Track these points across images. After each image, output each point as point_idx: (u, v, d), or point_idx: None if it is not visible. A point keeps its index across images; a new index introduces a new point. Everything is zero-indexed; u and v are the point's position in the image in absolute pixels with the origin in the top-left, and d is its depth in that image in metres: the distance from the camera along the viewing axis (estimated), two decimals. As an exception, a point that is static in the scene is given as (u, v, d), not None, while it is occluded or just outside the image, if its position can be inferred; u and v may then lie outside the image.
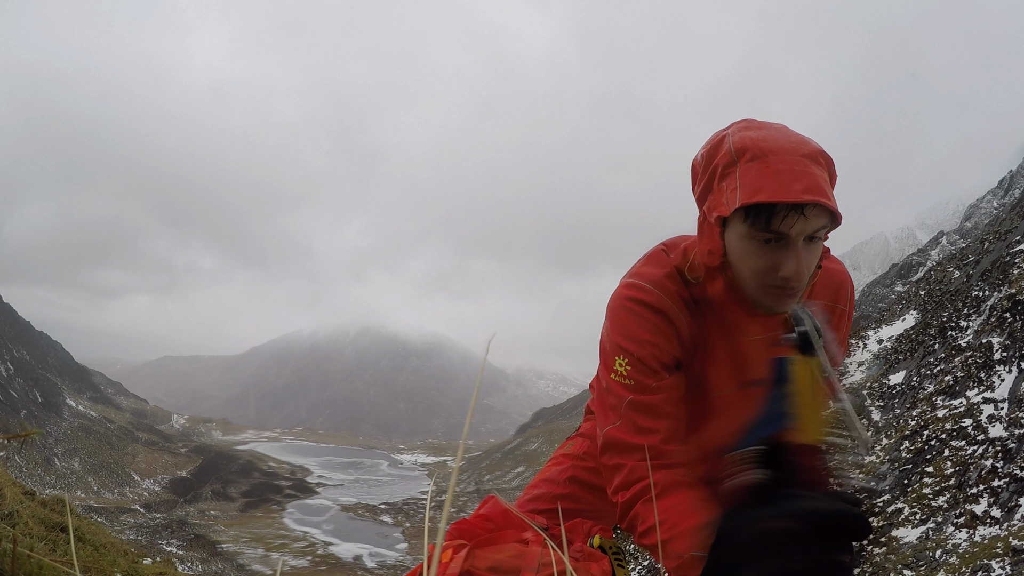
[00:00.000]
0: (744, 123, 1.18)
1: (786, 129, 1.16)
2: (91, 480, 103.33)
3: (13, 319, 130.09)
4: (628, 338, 1.23)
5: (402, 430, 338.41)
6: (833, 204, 1.08)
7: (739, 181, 1.10)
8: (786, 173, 1.06)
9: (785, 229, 1.09)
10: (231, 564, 61.95)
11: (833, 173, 1.15)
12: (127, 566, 7.07)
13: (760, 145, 1.10)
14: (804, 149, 1.10)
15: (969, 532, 7.15)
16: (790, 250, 1.11)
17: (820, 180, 1.07)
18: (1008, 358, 10.01)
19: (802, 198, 1.05)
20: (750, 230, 1.11)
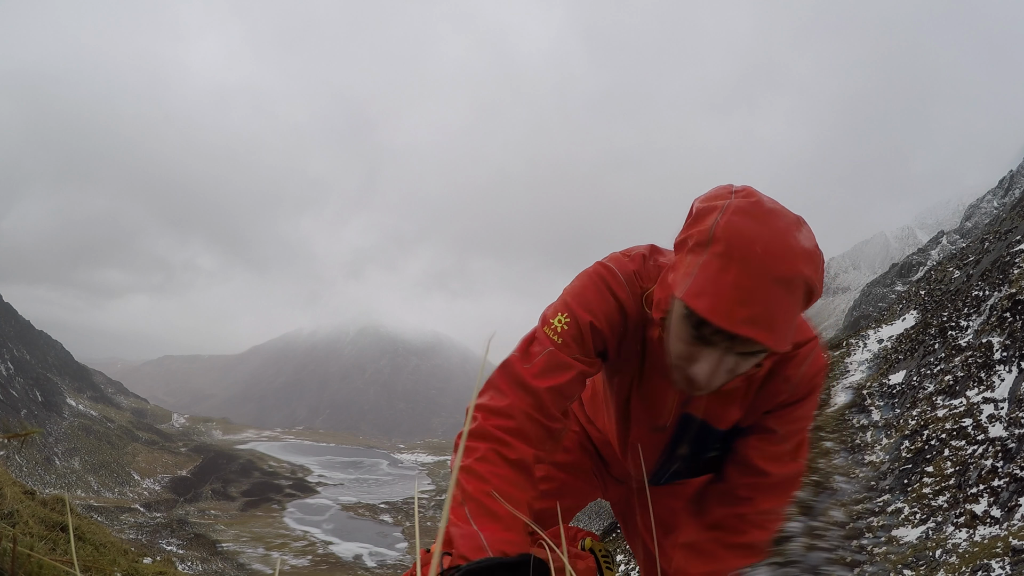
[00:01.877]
0: (748, 203, 1.03)
1: (787, 232, 1.01)
2: (91, 479, 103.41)
3: (13, 318, 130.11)
4: (580, 304, 1.23)
5: (402, 429, 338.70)
6: (773, 342, 0.99)
7: (696, 270, 1.02)
8: (740, 292, 0.97)
9: (713, 340, 1.04)
10: (231, 563, 61.98)
11: (814, 294, 1.05)
12: (127, 565, 7.07)
13: (737, 244, 0.99)
14: (780, 269, 0.98)
15: (969, 532, 7.16)
16: (709, 355, 1.06)
17: (774, 311, 0.98)
18: (1008, 358, 10.02)
19: (737, 329, 0.97)
20: (683, 319, 1.06)
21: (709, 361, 1.06)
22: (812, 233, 1.08)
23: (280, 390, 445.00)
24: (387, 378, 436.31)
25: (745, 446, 1.34)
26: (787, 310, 1.00)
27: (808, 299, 1.04)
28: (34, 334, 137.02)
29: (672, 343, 1.12)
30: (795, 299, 1.01)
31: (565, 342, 1.22)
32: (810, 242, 1.05)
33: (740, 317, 0.97)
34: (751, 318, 0.97)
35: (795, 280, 0.99)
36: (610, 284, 1.24)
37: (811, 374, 1.27)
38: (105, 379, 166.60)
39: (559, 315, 1.23)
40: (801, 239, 1.03)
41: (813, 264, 1.02)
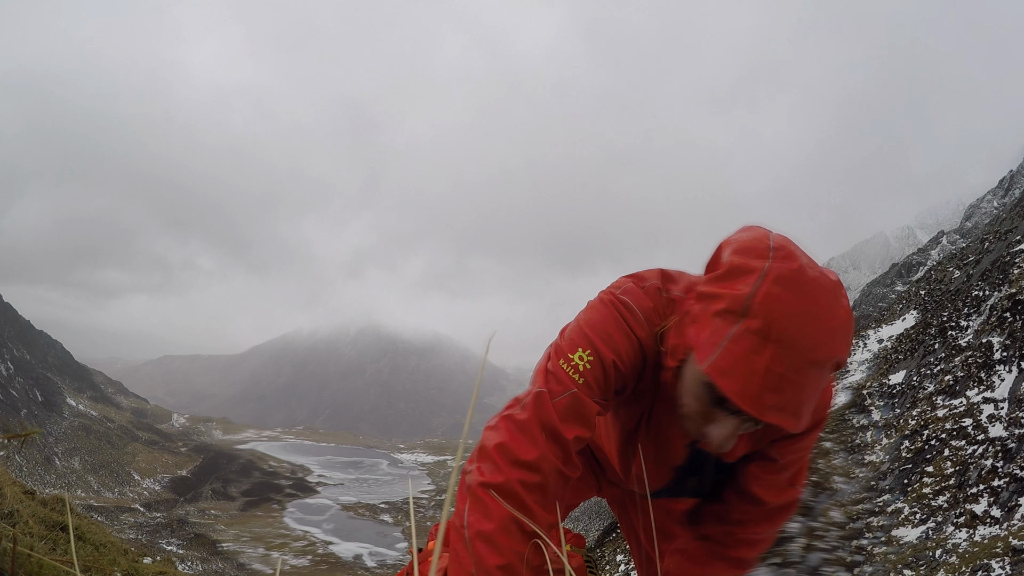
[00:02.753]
0: (790, 271, 0.94)
1: (830, 309, 0.95)
2: (91, 479, 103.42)
3: (13, 318, 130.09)
4: (603, 340, 1.12)
5: (402, 429, 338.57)
6: (796, 427, 0.96)
7: (726, 342, 0.94)
8: (773, 378, 0.91)
9: (732, 411, 1.01)
10: (231, 563, 61.96)
11: (841, 365, 1.02)
12: (127, 565, 7.07)
13: (776, 323, 0.91)
14: (818, 354, 0.93)
15: (969, 532, 7.16)
16: (727, 422, 1.03)
17: (804, 397, 0.94)
18: (1008, 358, 10.01)
19: (764, 416, 0.93)
20: (704, 384, 1.01)
21: (725, 428, 1.03)
22: (847, 298, 1.02)
23: (280, 390, 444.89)
24: (387, 378, 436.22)
25: (745, 474, 1.34)
26: (815, 394, 0.96)
27: (835, 370, 1.02)
28: (34, 334, 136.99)
29: (687, 399, 1.07)
30: (824, 380, 0.98)
31: (588, 383, 1.11)
32: (847, 313, 0.99)
33: (768, 404, 0.92)
34: (779, 405, 0.93)
35: (829, 363, 0.96)
36: (629, 321, 1.14)
37: (819, 408, 1.23)
38: (105, 379, 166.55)
39: (580, 351, 1.12)
40: (840, 313, 0.97)
41: (847, 339, 0.98)
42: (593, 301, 1.20)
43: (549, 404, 1.10)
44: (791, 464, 1.31)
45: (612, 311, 1.15)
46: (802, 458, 1.33)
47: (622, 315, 1.14)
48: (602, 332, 1.13)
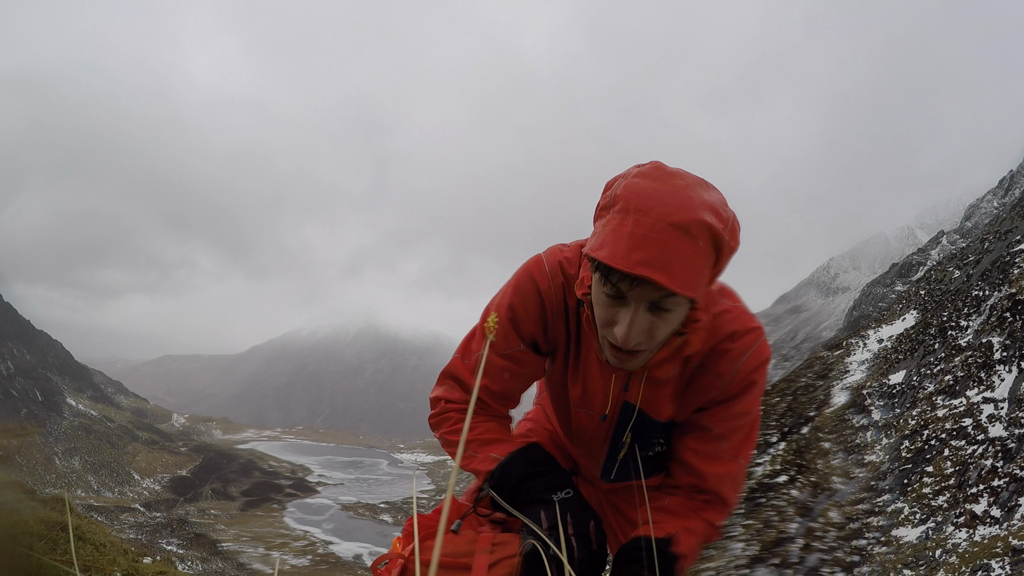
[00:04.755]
0: (651, 168, 1.10)
1: (686, 188, 1.05)
2: (91, 479, 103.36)
3: (13, 318, 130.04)
4: (506, 300, 1.32)
5: (402, 429, 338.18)
6: (671, 282, 1.02)
7: (601, 229, 1.08)
8: (636, 239, 1.02)
9: (622, 290, 1.07)
10: (231, 563, 61.91)
11: (724, 246, 1.07)
12: (127, 565, 7.07)
13: (634, 200, 1.04)
14: (676, 216, 1.01)
15: (969, 532, 7.15)
16: (625, 311, 1.09)
17: (671, 255, 1.01)
18: (1008, 358, 10.01)
19: (633, 270, 1.01)
20: (597, 277, 1.10)
21: (624, 318, 1.09)
22: (720, 193, 1.11)
23: (280, 390, 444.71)
24: (387, 378, 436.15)
25: (682, 446, 1.34)
26: (686, 255, 1.02)
27: (717, 250, 1.07)
28: (34, 333, 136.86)
29: (595, 311, 1.15)
30: (696, 246, 1.03)
31: (497, 340, 1.32)
32: (714, 197, 1.08)
33: (636, 259, 1.01)
34: (646, 260, 1.01)
35: (693, 226, 1.02)
36: (534, 275, 1.30)
37: (748, 369, 1.24)
38: (105, 379, 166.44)
39: (492, 314, 1.32)
40: (702, 193, 1.06)
41: (716, 215, 1.05)
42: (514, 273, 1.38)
43: (458, 363, 1.39)
44: (729, 433, 1.29)
45: (519, 272, 1.33)
46: (741, 427, 1.30)
47: (528, 271, 1.31)
48: (506, 293, 1.33)
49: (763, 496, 9.07)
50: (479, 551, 1.12)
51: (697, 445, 1.31)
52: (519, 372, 1.36)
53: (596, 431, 1.41)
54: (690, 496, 1.34)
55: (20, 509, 0.81)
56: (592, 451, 1.47)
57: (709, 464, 1.30)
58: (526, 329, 1.32)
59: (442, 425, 1.37)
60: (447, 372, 1.42)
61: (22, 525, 0.67)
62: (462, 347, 1.41)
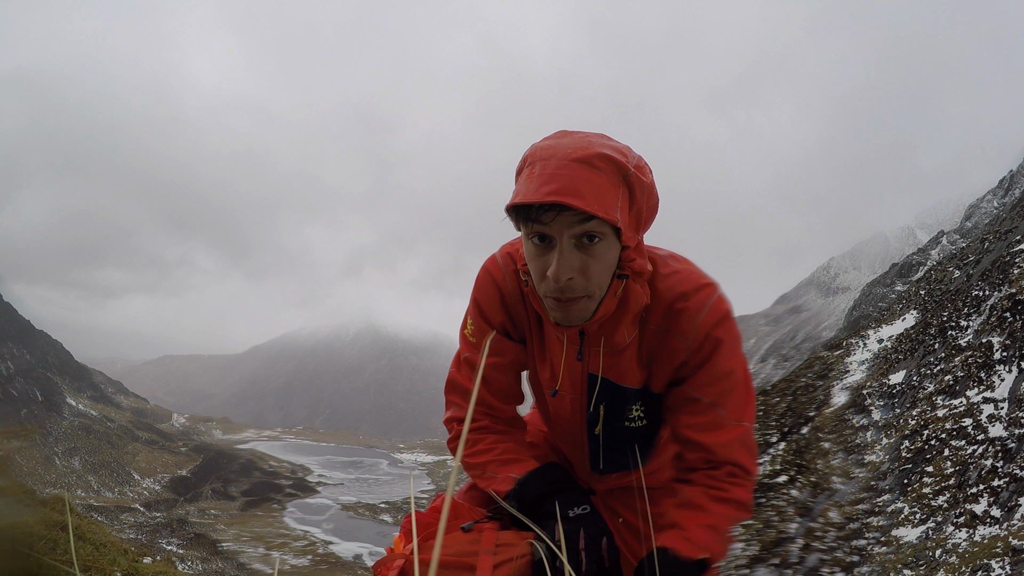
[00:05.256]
0: (555, 133, 1.19)
1: (587, 136, 1.15)
2: (91, 479, 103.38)
3: (13, 318, 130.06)
4: (473, 301, 1.40)
5: (402, 429, 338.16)
6: (585, 204, 1.06)
7: (515, 186, 1.15)
8: (544, 177, 1.08)
9: (542, 228, 1.12)
10: (231, 563, 61.88)
11: (633, 177, 1.12)
12: (127, 565, 7.07)
13: (539, 152, 1.13)
14: (578, 153, 1.09)
15: (969, 532, 7.15)
16: (554, 251, 1.13)
17: (580, 183, 1.07)
18: (1008, 358, 10.01)
19: (544, 198, 1.07)
20: (523, 231, 1.17)
21: (553, 256, 1.13)
22: (624, 144, 1.18)
23: (280, 390, 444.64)
24: (387, 378, 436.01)
25: (679, 424, 1.32)
26: (594, 182, 1.08)
27: (627, 183, 1.12)
28: (34, 333, 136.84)
29: (531, 270, 1.20)
30: (602, 175, 1.09)
31: (476, 339, 1.41)
32: (616, 143, 1.16)
33: (545, 191, 1.07)
34: (556, 190, 1.07)
35: (594, 159, 1.09)
36: (489, 268, 1.39)
37: (708, 324, 1.23)
38: (105, 379, 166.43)
39: (468, 319, 1.43)
40: (604, 140, 1.15)
41: (616, 150, 1.12)
42: None
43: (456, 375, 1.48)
44: (720, 399, 1.27)
45: (480, 272, 1.41)
46: (730, 389, 1.27)
47: (486, 269, 1.40)
48: (473, 295, 1.41)
49: (763, 496, 9.07)
50: (483, 551, 1.12)
51: (692, 419, 1.29)
52: (503, 363, 1.41)
53: (569, 410, 1.40)
54: (709, 478, 1.30)
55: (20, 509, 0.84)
56: (574, 437, 1.46)
57: (712, 434, 1.27)
58: (494, 319, 1.38)
59: (465, 450, 1.41)
60: (448, 388, 1.49)
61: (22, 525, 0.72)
62: (455, 360, 1.49)
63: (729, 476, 1.29)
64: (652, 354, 1.30)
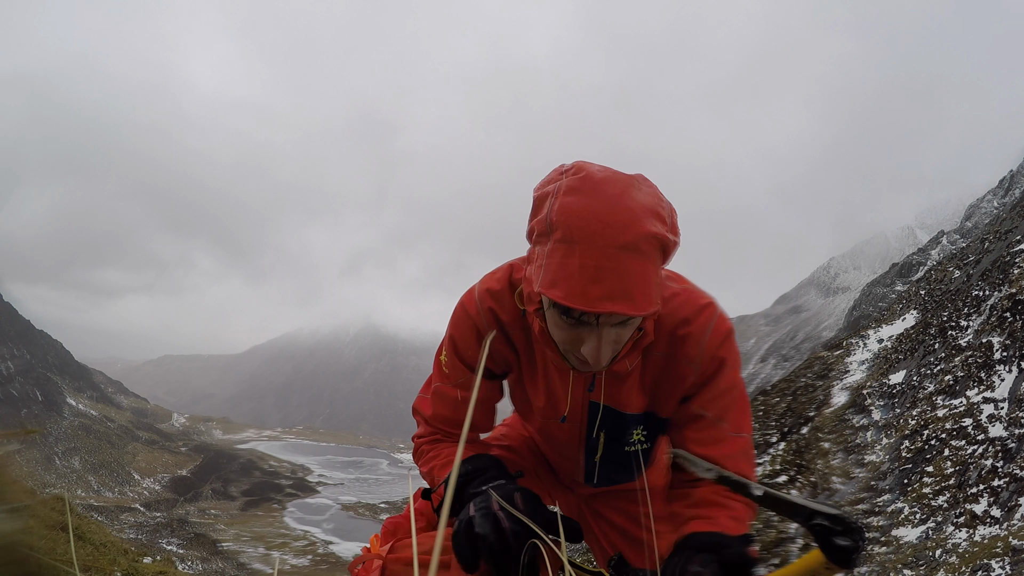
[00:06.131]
0: (577, 180, 1.06)
1: (622, 196, 1.03)
2: (91, 479, 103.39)
3: (13, 318, 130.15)
4: (452, 338, 1.40)
5: (402, 429, 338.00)
6: (636, 309, 1.02)
7: (545, 260, 1.06)
8: (590, 271, 1.00)
9: (586, 321, 1.07)
10: (232, 563, 61.89)
11: (670, 246, 1.07)
12: (127, 565, 7.07)
13: (573, 225, 1.02)
14: (623, 238, 1.01)
15: (969, 532, 7.15)
16: (591, 332, 1.09)
17: (629, 279, 1.01)
18: (1008, 358, 10.00)
19: (596, 308, 1.01)
20: (555, 313, 1.10)
21: (591, 340, 1.09)
22: (653, 186, 1.10)
23: (280, 390, 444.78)
24: (387, 378, 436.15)
25: (683, 440, 1.32)
26: (641, 274, 1.03)
27: (664, 253, 1.08)
28: (34, 334, 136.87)
29: (553, 332, 1.15)
30: (647, 260, 1.04)
31: (448, 371, 1.41)
32: (650, 197, 1.06)
33: (596, 296, 1.00)
34: (606, 294, 1.00)
35: (641, 242, 1.02)
36: (465, 306, 1.37)
37: (713, 347, 1.24)
38: (105, 379, 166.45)
39: (443, 351, 1.43)
40: (639, 197, 1.04)
41: (657, 218, 1.05)
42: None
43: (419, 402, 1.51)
44: (723, 414, 1.28)
45: (456, 309, 1.40)
46: (731, 404, 1.29)
47: (462, 306, 1.38)
48: (449, 331, 1.41)
49: (763, 496, 9.07)
50: None
51: (697, 435, 1.30)
52: (478, 400, 1.42)
53: (568, 436, 1.41)
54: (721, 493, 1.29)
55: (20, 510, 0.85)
56: (569, 456, 1.47)
57: (717, 447, 1.28)
58: (468, 356, 1.38)
59: (417, 460, 1.47)
60: (414, 409, 1.53)
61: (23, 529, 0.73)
62: (425, 384, 1.51)
63: None
64: (657, 380, 1.30)
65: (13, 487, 0.89)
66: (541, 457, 1.65)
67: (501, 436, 1.69)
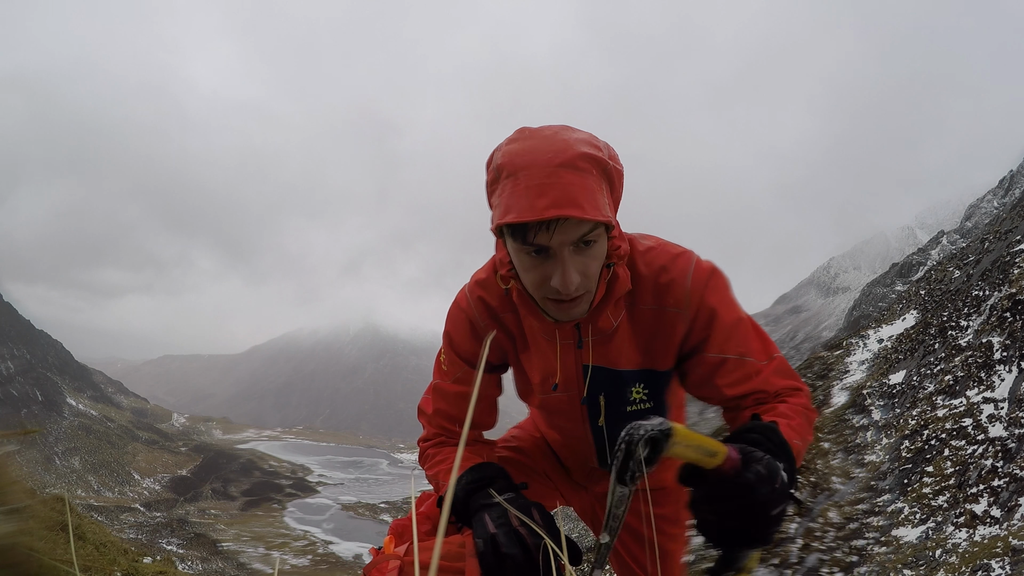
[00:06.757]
0: (516, 133, 1.16)
1: (556, 134, 1.12)
2: (91, 479, 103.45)
3: (14, 318, 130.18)
4: (448, 334, 1.44)
5: (402, 429, 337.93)
6: (583, 213, 1.06)
7: (498, 200, 1.12)
8: (533, 189, 1.06)
9: (543, 242, 1.10)
10: (232, 563, 61.90)
11: (612, 170, 1.12)
12: (127, 565, 7.08)
13: (515, 160, 1.09)
14: (560, 158, 1.07)
15: (969, 532, 7.15)
16: (555, 261, 1.12)
17: (573, 189, 1.06)
18: (1008, 358, 10.01)
19: (544, 214, 1.05)
20: (515, 244, 1.14)
21: (557, 267, 1.12)
22: (586, 131, 1.16)
23: (280, 390, 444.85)
24: (387, 378, 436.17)
25: (720, 388, 1.28)
26: (582, 186, 1.07)
27: (608, 176, 1.12)
28: (34, 333, 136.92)
29: (525, 279, 1.18)
30: (589, 176, 1.08)
31: (448, 368, 1.45)
32: (582, 134, 1.14)
33: (542, 205, 1.05)
34: (554, 202, 1.05)
35: (577, 160, 1.08)
36: (458, 301, 1.41)
37: (699, 286, 1.24)
38: (105, 379, 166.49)
39: (442, 349, 1.47)
40: (573, 134, 1.12)
41: (591, 145, 1.11)
42: None
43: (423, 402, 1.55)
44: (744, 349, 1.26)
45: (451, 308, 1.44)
46: (746, 335, 1.26)
47: (456, 304, 1.42)
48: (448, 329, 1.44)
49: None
50: (470, 555, 1.13)
51: (729, 379, 1.27)
52: (470, 394, 1.43)
53: (568, 406, 1.40)
54: None
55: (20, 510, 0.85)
56: (576, 434, 1.46)
57: (755, 381, 1.26)
58: (464, 350, 1.41)
59: (424, 464, 1.49)
60: (419, 410, 1.55)
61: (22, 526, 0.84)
62: (429, 386, 1.54)
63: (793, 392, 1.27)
64: (651, 334, 1.29)
65: (13, 487, 0.89)
66: (552, 457, 1.64)
67: (511, 437, 1.68)
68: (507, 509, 1.14)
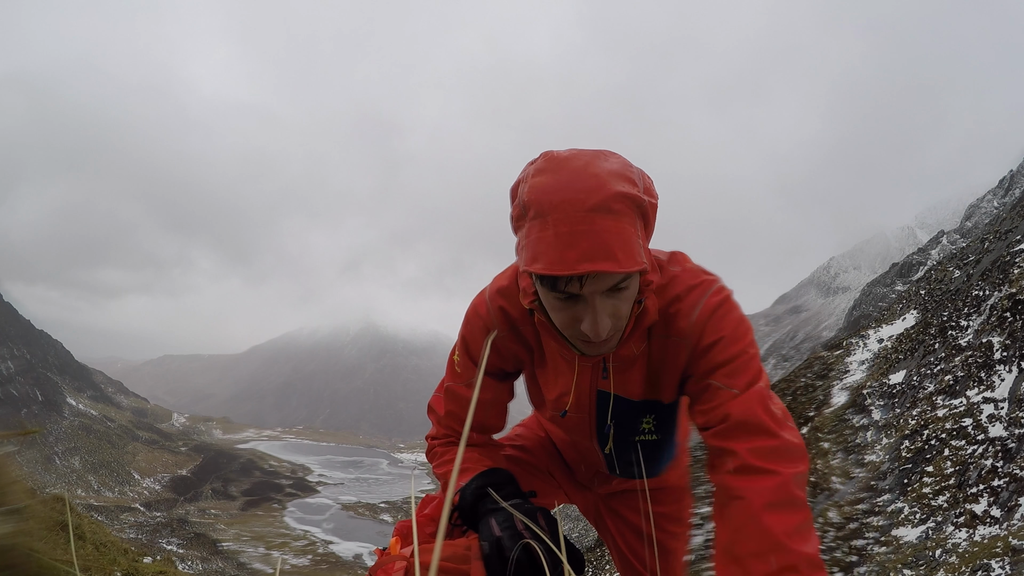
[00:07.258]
0: (543, 161, 1.07)
1: (587, 166, 1.03)
2: (91, 478, 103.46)
3: (14, 318, 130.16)
4: (463, 338, 1.41)
5: (402, 429, 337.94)
6: (618, 266, 1.00)
7: (525, 240, 1.06)
8: (564, 238, 1.00)
9: (573, 291, 1.05)
10: (232, 563, 61.94)
11: (647, 206, 1.06)
12: (127, 565, 7.08)
13: (543, 199, 1.02)
14: (593, 199, 1.00)
15: (969, 532, 7.16)
16: (587, 307, 1.08)
17: (605, 239, 1.00)
18: (1008, 358, 10.01)
19: (575, 270, 0.99)
20: (543, 289, 1.09)
21: (588, 313, 1.08)
22: (621, 156, 1.09)
23: (280, 390, 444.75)
24: (387, 378, 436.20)
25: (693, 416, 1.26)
26: (617, 232, 1.01)
27: (643, 214, 1.06)
28: (34, 333, 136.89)
29: (553, 317, 1.14)
30: (623, 220, 1.02)
31: (461, 372, 1.42)
32: (617, 164, 1.05)
33: (573, 259, 0.99)
34: (584, 255, 0.99)
35: (611, 202, 1.00)
36: (476, 307, 1.38)
37: (704, 319, 1.19)
38: (105, 378, 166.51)
39: (456, 351, 1.44)
40: (605, 165, 1.04)
41: (626, 179, 1.03)
42: None
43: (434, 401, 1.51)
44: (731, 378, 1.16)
45: (468, 311, 1.41)
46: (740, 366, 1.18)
47: (474, 307, 1.39)
48: (461, 332, 1.42)
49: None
50: (475, 558, 1.14)
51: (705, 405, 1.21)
52: (483, 399, 1.43)
53: (579, 427, 1.41)
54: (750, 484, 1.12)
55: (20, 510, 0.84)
56: (584, 446, 1.47)
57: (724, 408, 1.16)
58: (479, 356, 1.38)
59: (432, 460, 1.48)
60: (429, 407, 1.52)
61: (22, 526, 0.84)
62: (440, 383, 1.51)
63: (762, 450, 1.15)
64: (659, 364, 1.28)
65: (13, 487, 0.89)
66: (557, 456, 1.64)
67: (516, 436, 1.68)
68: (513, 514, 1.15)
